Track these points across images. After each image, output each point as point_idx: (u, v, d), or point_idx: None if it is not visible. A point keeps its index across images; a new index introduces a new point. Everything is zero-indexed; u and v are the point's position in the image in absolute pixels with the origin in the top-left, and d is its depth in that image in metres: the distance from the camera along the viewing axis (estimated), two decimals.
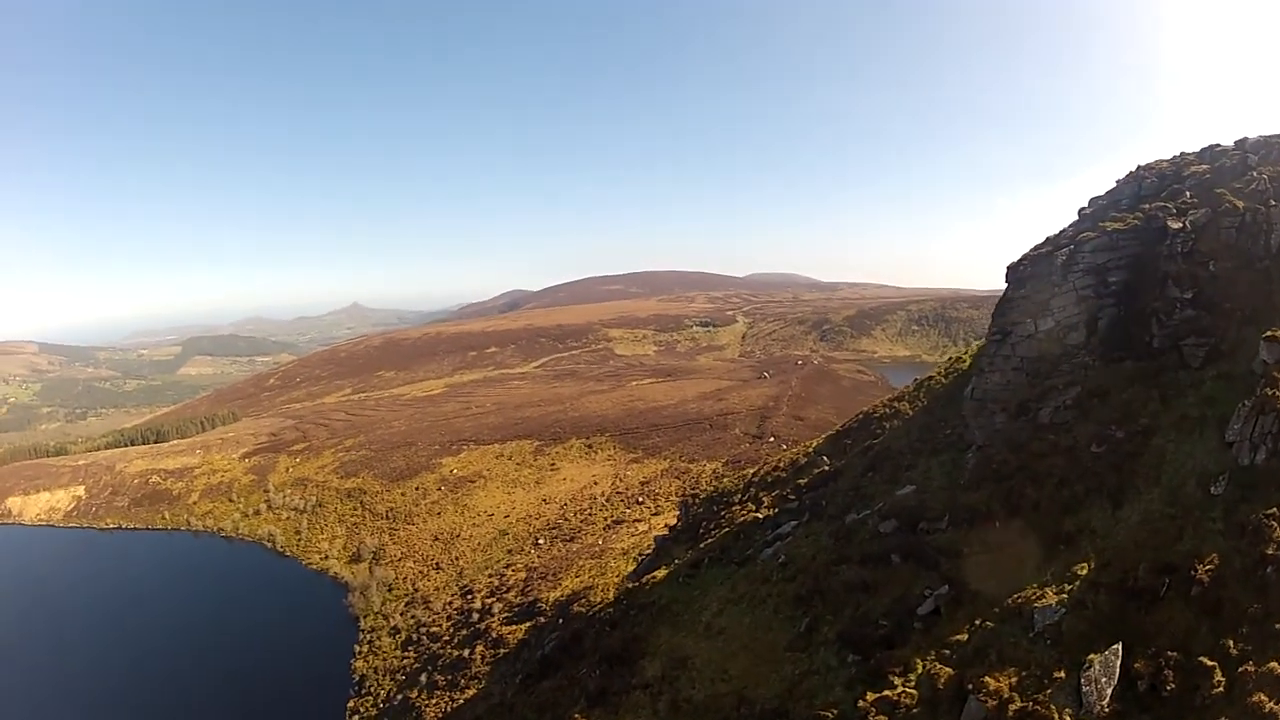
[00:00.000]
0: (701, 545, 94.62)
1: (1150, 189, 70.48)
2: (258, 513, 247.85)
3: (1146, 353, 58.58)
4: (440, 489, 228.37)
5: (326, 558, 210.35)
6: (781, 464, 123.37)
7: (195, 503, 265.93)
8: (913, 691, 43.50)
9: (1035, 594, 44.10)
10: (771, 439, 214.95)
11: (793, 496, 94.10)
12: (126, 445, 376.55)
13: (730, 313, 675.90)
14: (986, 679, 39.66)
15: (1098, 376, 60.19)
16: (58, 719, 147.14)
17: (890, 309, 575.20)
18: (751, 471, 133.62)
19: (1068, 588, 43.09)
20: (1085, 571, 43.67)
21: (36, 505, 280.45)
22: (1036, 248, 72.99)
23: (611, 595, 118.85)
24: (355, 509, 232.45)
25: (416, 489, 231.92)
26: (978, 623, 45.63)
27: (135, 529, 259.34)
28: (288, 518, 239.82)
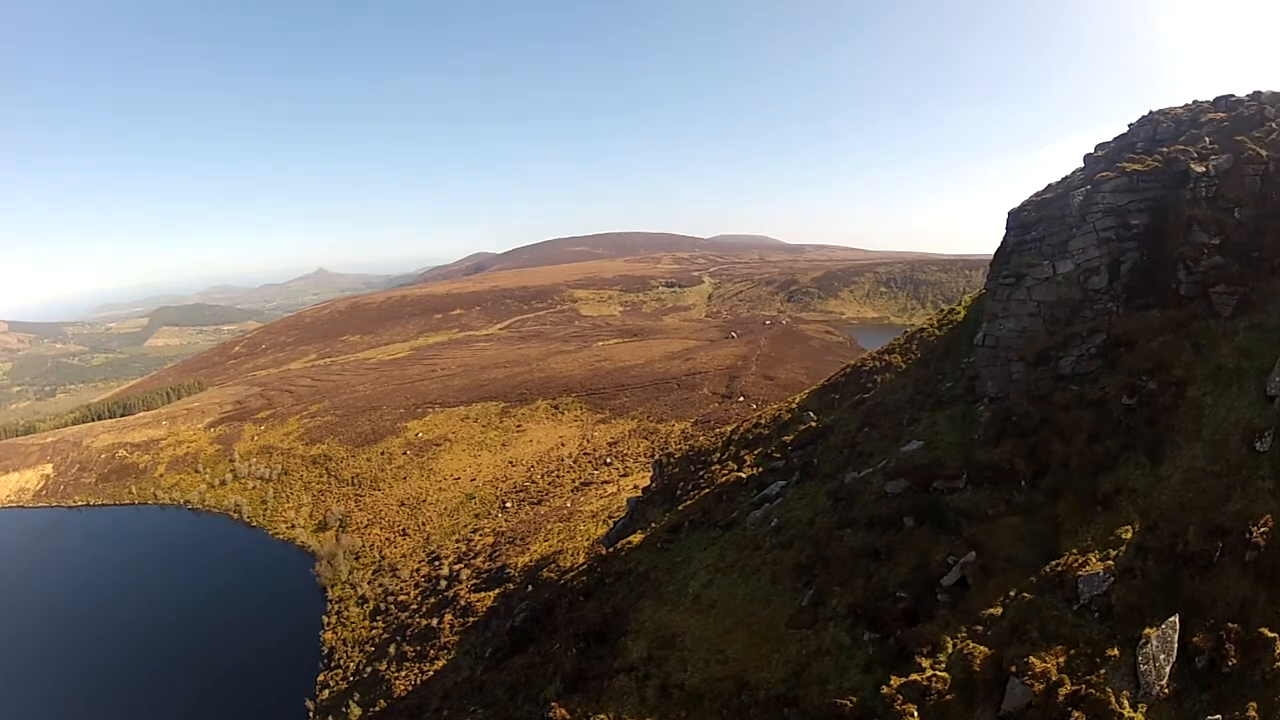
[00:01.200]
0: (680, 508, 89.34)
1: (1167, 133, 65.38)
2: (224, 483, 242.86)
3: (1174, 300, 53.39)
4: (406, 453, 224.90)
5: (293, 527, 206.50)
6: (763, 421, 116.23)
7: (162, 475, 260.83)
8: (944, 675, 38.13)
9: (1076, 561, 38.69)
10: (741, 398, 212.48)
11: (778, 455, 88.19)
12: (94, 420, 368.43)
13: (696, 273, 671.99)
14: (1030, 659, 34.74)
15: (1123, 323, 54.86)
16: (27, 696, 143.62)
17: (858, 270, 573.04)
18: (730, 429, 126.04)
19: (1112, 553, 37.87)
20: (1130, 535, 38.51)
21: (6, 486, 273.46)
22: (1041, 193, 69.03)
23: (581, 560, 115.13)
24: (321, 476, 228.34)
25: (382, 454, 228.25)
26: (1012, 594, 40.34)
27: (103, 505, 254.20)
28: (254, 487, 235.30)
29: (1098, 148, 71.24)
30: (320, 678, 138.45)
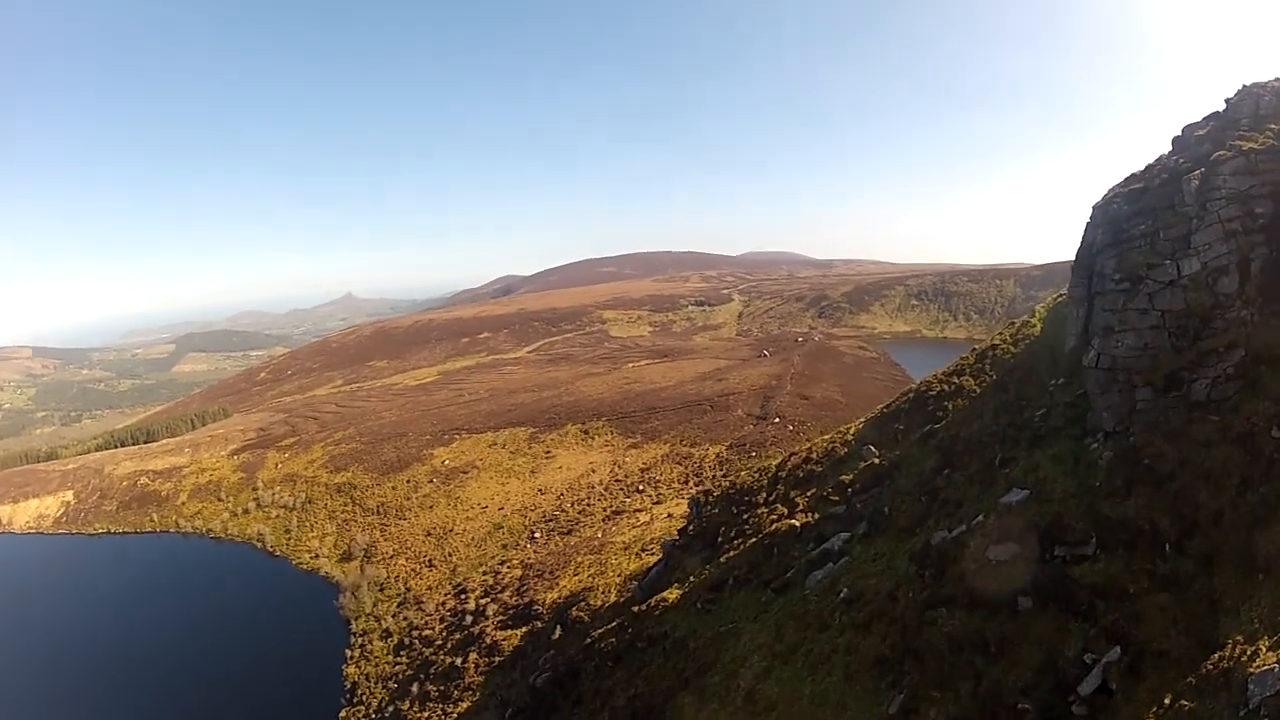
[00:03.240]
0: (722, 559, 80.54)
1: (1270, 108, 56.67)
2: (246, 511, 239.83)
3: None
4: (432, 481, 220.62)
5: (317, 556, 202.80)
6: (814, 454, 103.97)
7: (184, 503, 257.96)
8: None
9: (1243, 651, 28.36)
10: (777, 419, 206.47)
11: (836, 498, 78.10)
12: (116, 446, 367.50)
13: (726, 291, 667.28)
14: None
15: (1262, 335, 44.57)
16: None
17: (888, 284, 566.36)
18: (775, 464, 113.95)
19: None
20: None
21: (26, 513, 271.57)
22: (1128, 182, 59.50)
23: (613, 597, 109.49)
24: (345, 505, 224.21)
25: (408, 482, 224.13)
26: (1168, 701, 29.17)
27: (124, 533, 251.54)
28: (277, 516, 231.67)
29: (1186, 129, 60.69)
30: (342, 714, 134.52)
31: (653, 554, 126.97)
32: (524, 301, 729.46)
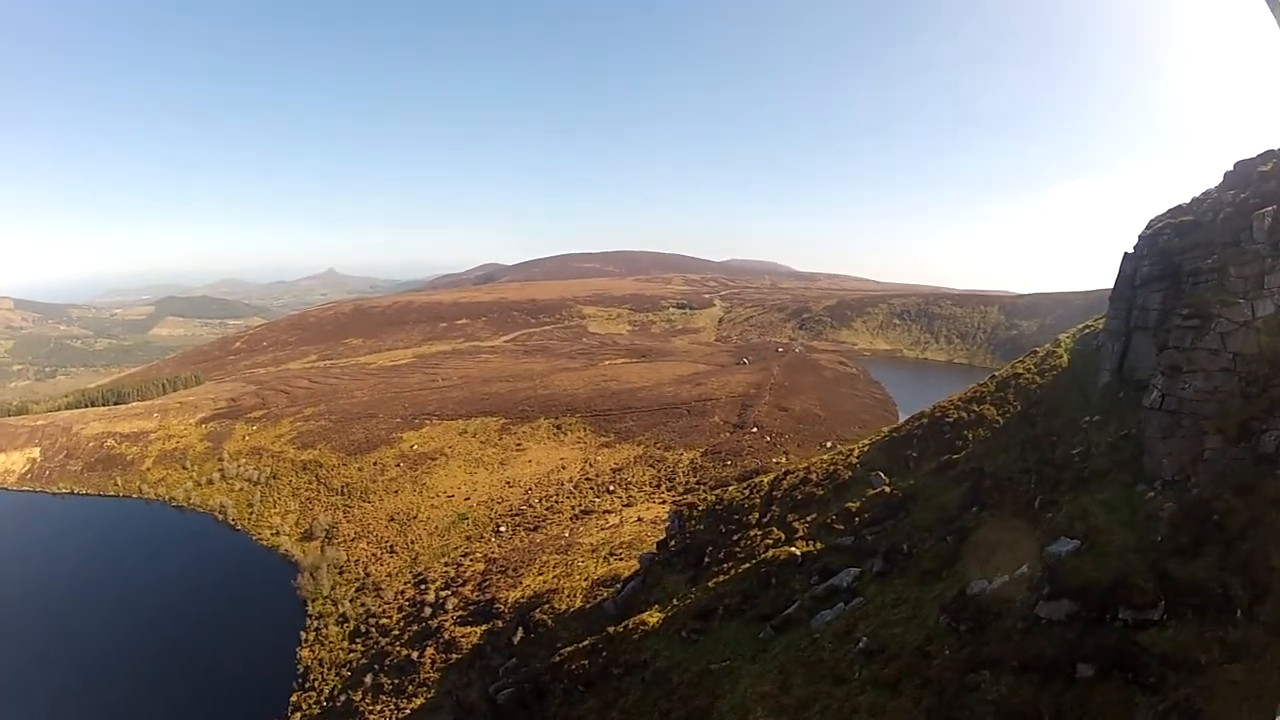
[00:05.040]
0: (709, 583, 75.49)
1: None
2: (210, 482, 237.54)
3: None
4: (399, 465, 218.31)
5: (278, 533, 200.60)
6: (813, 475, 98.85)
7: (148, 469, 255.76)
8: None
9: None
10: (755, 429, 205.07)
11: (841, 527, 73.32)
12: (87, 406, 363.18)
13: (707, 296, 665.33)
14: None
15: None
16: None
17: (872, 301, 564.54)
18: (769, 480, 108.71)
19: None
20: None
21: None
22: (1175, 212, 57.97)
23: (579, 602, 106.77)
24: (310, 482, 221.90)
25: (374, 464, 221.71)
26: None
27: (87, 494, 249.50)
28: (241, 489, 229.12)
29: (1240, 164, 56.84)
30: (293, 698, 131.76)
31: (621, 558, 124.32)
32: (505, 290, 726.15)
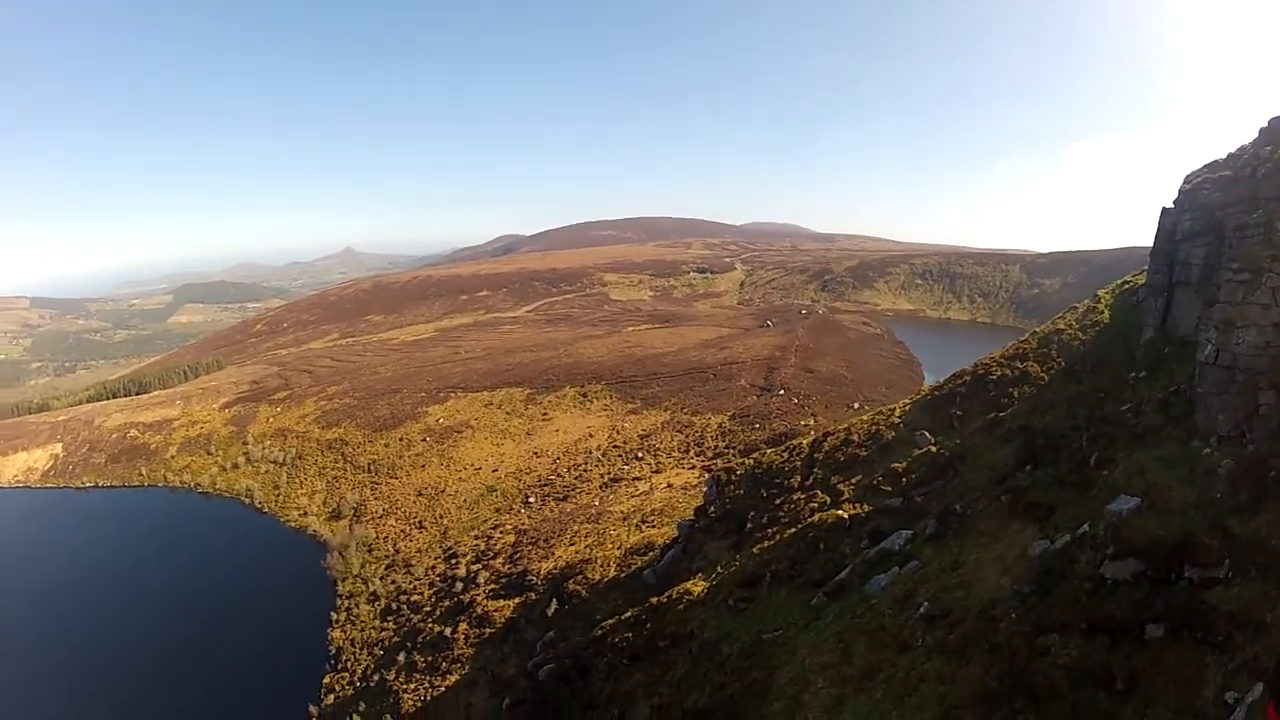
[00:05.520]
0: (754, 549, 72.73)
1: None
2: (236, 466, 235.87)
3: None
4: (425, 440, 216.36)
5: (305, 514, 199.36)
6: (855, 437, 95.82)
7: (173, 457, 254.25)
8: None
9: None
10: (782, 391, 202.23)
11: (888, 489, 70.95)
12: (108, 398, 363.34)
13: (728, 260, 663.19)
14: None
15: None
16: (20, 688, 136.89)
17: (893, 261, 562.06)
18: (807, 443, 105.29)
19: None
20: None
21: (14, 466, 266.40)
22: (1212, 166, 56.13)
23: (612, 572, 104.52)
24: (336, 461, 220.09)
25: (400, 440, 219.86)
26: None
27: (112, 486, 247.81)
28: (267, 471, 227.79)
29: (1272, 121, 55.35)
30: (326, 680, 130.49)
31: (653, 526, 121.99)
32: (524, 261, 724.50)
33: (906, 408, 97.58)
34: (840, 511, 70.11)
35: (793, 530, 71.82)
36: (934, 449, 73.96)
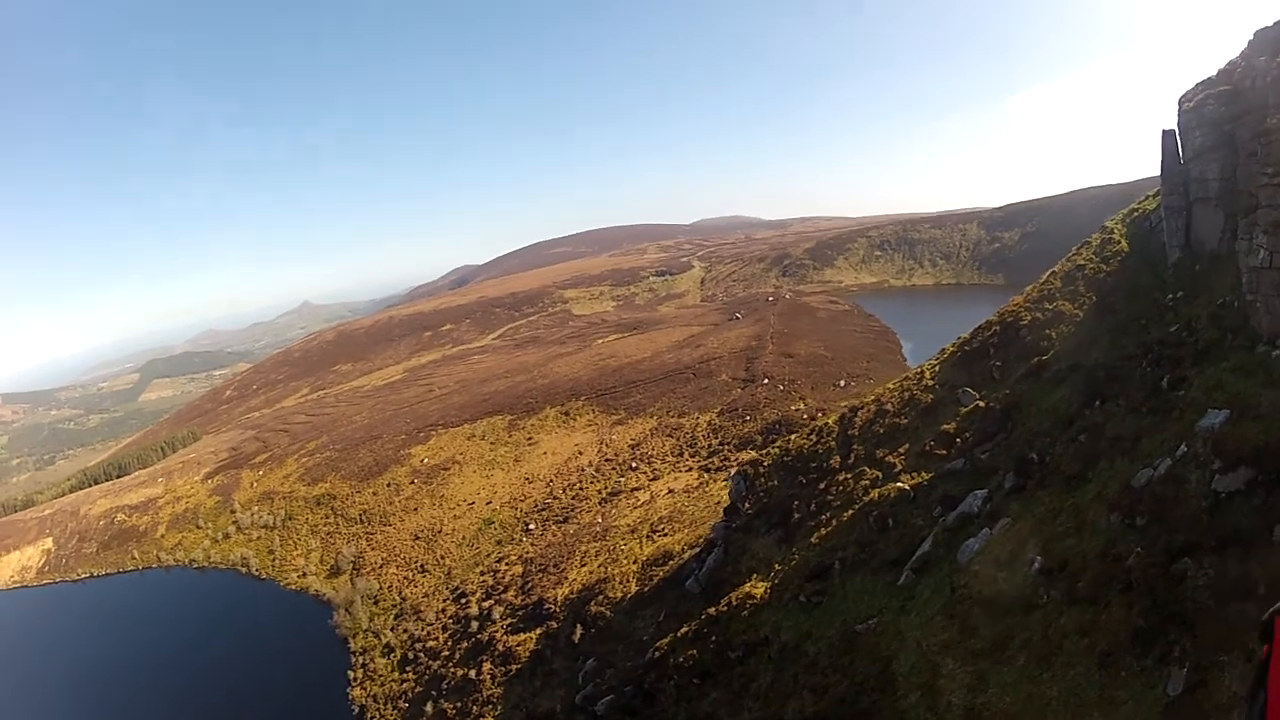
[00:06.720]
0: (811, 540, 71.28)
1: None
2: (227, 536, 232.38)
3: None
4: (413, 482, 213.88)
5: (304, 574, 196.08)
6: (889, 406, 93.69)
7: (163, 536, 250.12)
8: None
9: None
10: (765, 380, 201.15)
11: (944, 451, 69.99)
12: (90, 485, 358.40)
13: (685, 259, 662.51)
14: None
15: None
16: None
17: (850, 237, 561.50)
18: (835, 420, 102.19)
19: None
20: None
21: (9, 567, 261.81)
22: (1210, 81, 55.79)
23: (633, 587, 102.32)
24: (327, 516, 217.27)
25: (388, 485, 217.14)
26: None
27: (107, 574, 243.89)
28: (258, 537, 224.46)
29: (1258, 33, 55.11)
30: None
31: (665, 534, 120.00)
32: (483, 289, 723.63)
33: (936, 368, 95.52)
34: (899, 484, 69.12)
35: (850, 512, 70.73)
36: (981, 404, 73.23)
